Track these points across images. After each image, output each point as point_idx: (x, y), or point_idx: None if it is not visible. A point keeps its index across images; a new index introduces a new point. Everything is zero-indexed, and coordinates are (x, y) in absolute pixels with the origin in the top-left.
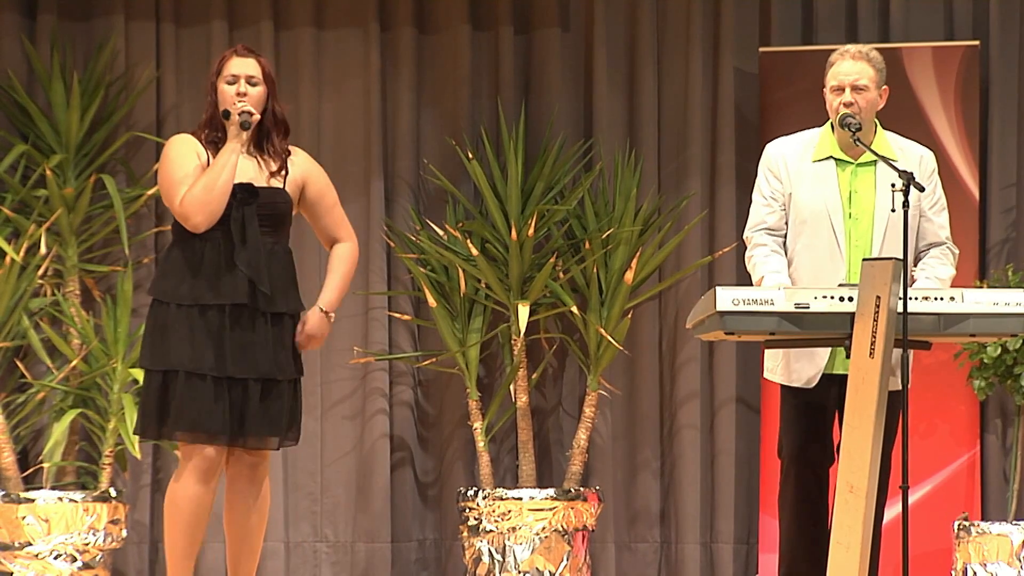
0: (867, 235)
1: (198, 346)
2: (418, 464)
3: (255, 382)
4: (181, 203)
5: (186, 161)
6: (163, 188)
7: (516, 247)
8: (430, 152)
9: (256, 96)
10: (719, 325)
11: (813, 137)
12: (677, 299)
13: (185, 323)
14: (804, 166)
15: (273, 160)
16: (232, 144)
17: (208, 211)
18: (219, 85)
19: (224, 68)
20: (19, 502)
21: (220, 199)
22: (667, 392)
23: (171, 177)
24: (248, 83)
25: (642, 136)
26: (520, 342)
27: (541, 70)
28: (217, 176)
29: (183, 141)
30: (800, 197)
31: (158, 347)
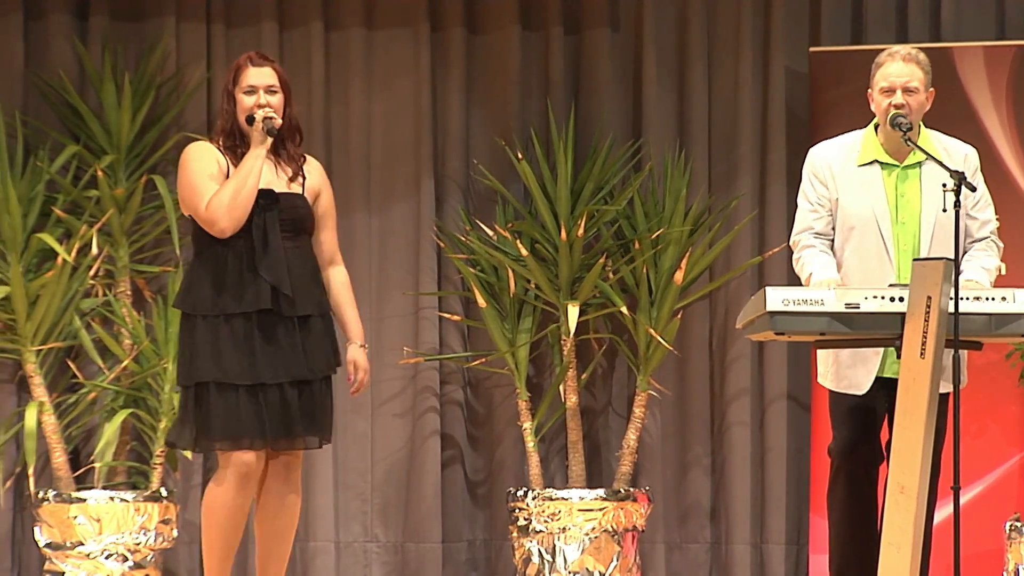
0: (914, 238)
1: (226, 356)
2: (468, 463)
3: (290, 386)
4: (207, 208)
5: (207, 167)
6: (185, 195)
7: (566, 247)
8: (480, 152)
9: (276, 104)
10: (769, 325)
11: (856, 140)
12: (727, 299)
13: (212, 334)
14: (849, 171)
15: (289, 166)
16: (257, 150)
17: (234, 216)
18: (237, 95)
19: (241, 78)
20: (71, 502)
21: (246, 204)
22: (717, 391)
23: (193, 184)
24: (267, 92)
25: (692, 136)
26: (570, 342)
27: (591, 70)
28: (244, 181)
29: (202, 148)
30: (847, 203)
31: (188, 362)
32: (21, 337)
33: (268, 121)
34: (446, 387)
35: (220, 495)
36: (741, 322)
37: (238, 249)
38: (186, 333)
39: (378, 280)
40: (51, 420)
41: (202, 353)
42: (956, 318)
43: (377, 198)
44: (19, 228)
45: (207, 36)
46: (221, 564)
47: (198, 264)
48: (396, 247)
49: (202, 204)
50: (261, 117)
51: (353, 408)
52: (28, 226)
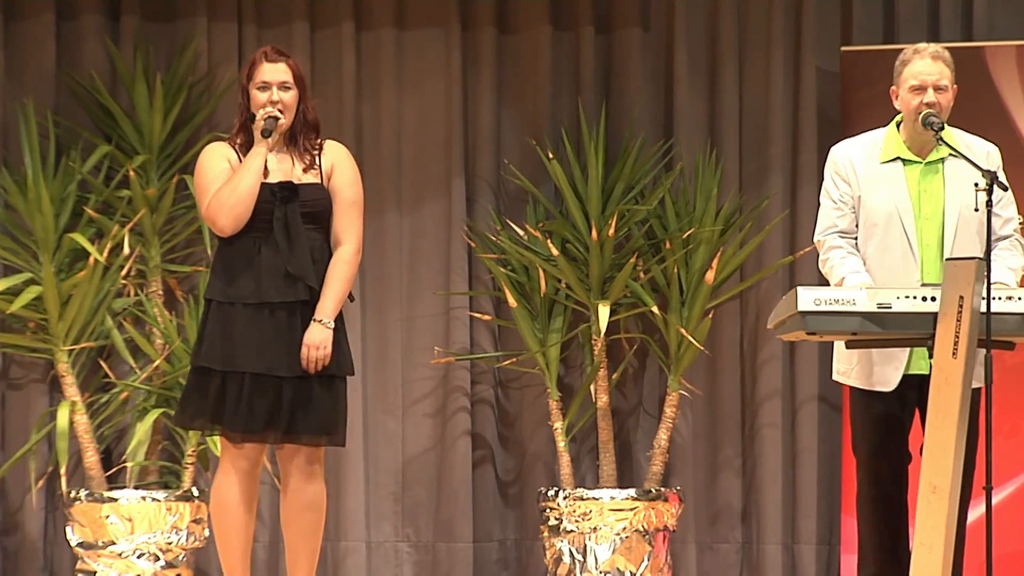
0: (938, 235)
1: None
2: (499, 463)
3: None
4: (207, 207)
5: (214, 166)
6: (196, 195)
7: (596, 247)
8: (510, 152)
9: (289, 101)
10: (801, 325)
11: (877, 138)
12: (758, 299)
13: (230, 321)
14: (872, 168)
15: (305, 156)
16: (258, 148)
17: (233, 214)
18: (251, 91)
19: (256, 74)
20: (103, 501)
21: (245, 201)
22: (748, 391)
23: (200, 182)
24: (280, 89)
25: (723, 136)
26: (600, 342)
27: (622, 70)
28: (240, 179)
29: (213, 149)
30: (870, 200)
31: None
32: (53, 337)
33: (269, 122)
34: (477, 387)
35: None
36: (772, 322)
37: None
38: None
39: (409, 280)
40: (83, 420)
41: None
42: (988, 318)
43: (408, 198)
44: (51, 228)
45: (239, 36)
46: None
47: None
48: (427, 247)
49: (204, 202)
50: (261, 116)
51: (384, 408)
52: (60, 226)
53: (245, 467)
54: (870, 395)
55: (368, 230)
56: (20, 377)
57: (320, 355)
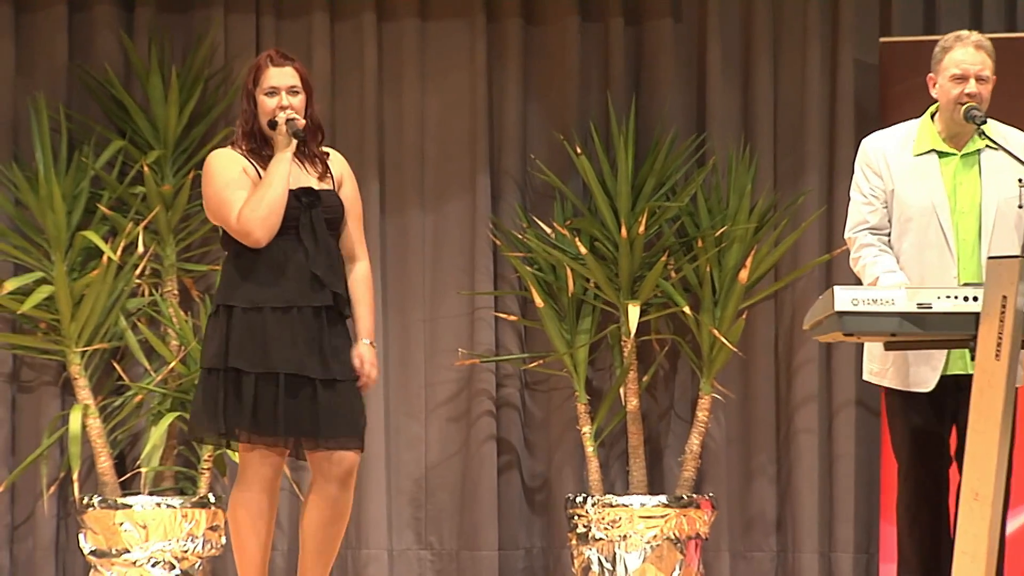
0: (974, 229)
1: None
2: (525, 469)
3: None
4: (239, 220)
5: (233, 176)
6: (212, 206)
7: (626, 245)
8: (537, 147)
9: (298, 105)
10: (837, 326)
11: (911, 130)
12: (793, 299)
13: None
14: (905, 161)
15: (316, 164)
16: (283, 154)
17: (268, 225)
18: (258, 97)
19: (262, 79)
20: (116, 508)
21: (279, 212)
22: (783, 395)
23: (220, 195)
24: (289, 93)
25: (757, 130)
26: (630, 343)
27: (652, 62)
28: (273, 189)
29: (224, 156)
30: (904, 194)
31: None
32: (65, 338)
33: (292, 124)
34: (502, 390)
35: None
36: (808, 323)
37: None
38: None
39: (432, 279)
40: (96, 424)
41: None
42: None
43: (431, 195)
44: (63, 226)
45: (256, 28)
46: (252, 569)
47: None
48: (451, 245)
49: (232, 215)
50: (283, 120)
51: (407, 412)
52: (72, 224)
53: (268, 474)
54: (907, 397)
55: (390, 228)
56: (31, 379)
57: (375, 373)
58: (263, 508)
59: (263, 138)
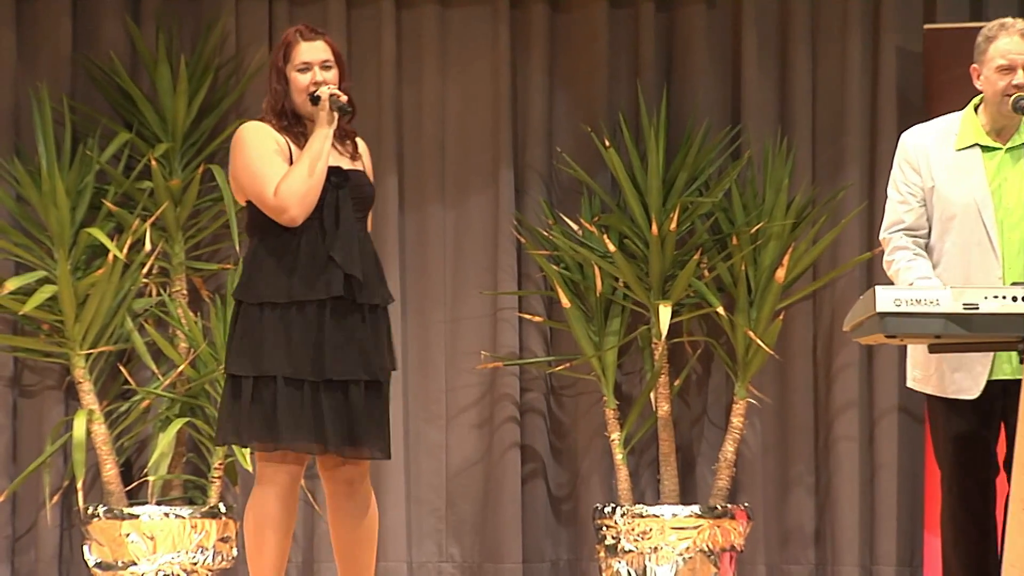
0: (1020, 227)
1: (295, 349)
2: (551, 477)
3: (355, 385)
4: (276, 195)
5: (268, 149)
6: (244, 181)
7: (657, 243)
8: (564, 140)
9: (332, 80)
10: (879, 327)
11: (953, 123)
12: (833, 299)
13: (279, 325)
14: (946, 156)
15: (347, 142)
16: (325, 130)
17: (306, 203)
18: (289, 74)
19: (293, 54)
20: (122, 518)
21: (317, 189)
22: (822, 400)
23: (255, 169)
24: (322, 68)
25: (795, 122)
26: (661, 346)
27: (685, 50)
28: (313, 165)
29: (259, 128)
30: (944, 191)
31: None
32: (69, 340)
33: (335, 99)
34: (527, 395)
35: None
36: (849, 324)
37: (308, 231)
38: (247, 323)
39: (453, 279)
40: (101, 430)
41: (269, 344)
42: None
43: (452, 189)
44: (67, 222)
45: (269, 15)
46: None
47: (263, 250)
48: (472, 243)
49: (268, 190)
50: (327, 94)
51: (426, 417)
52: (76, 220)
53: (287, 482)
54: (951, 404)
55: (409, 225)
56: (33, 384)
57: None
58: (278, 516)
59: (295, 117)
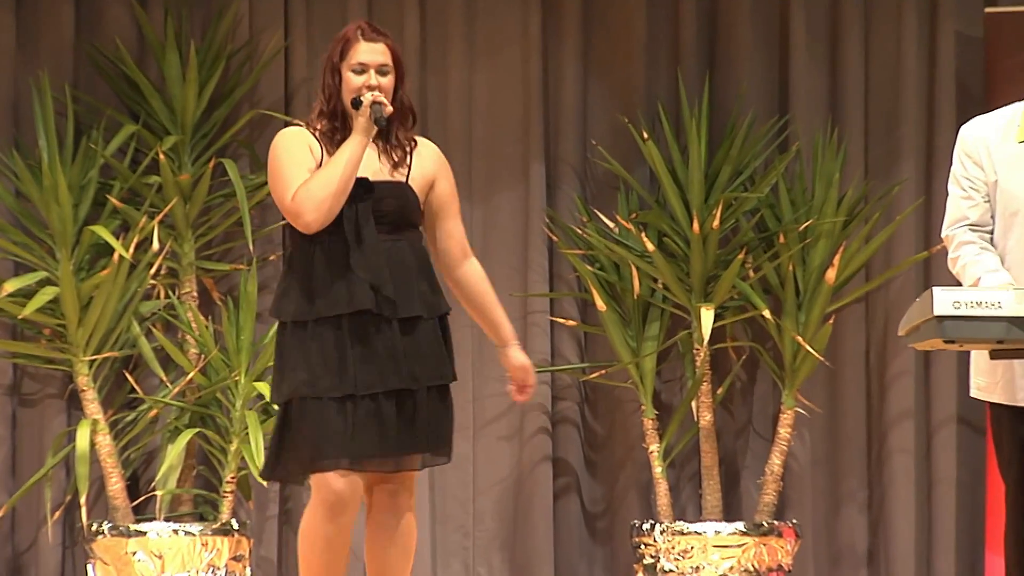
0: None
1: (316, 367)
2: (585, 492)
3: (385, 397)
4: (293, 199)
5: (298, 154)
6: (273, 185)
7: (699, 241)
8: (599, 132)
9: (387, 86)
10: (937, 332)
11: (1015, 113)
12: (887, 302)
13: (302, 342)
14: (1008, 148)
15: (395, 151)
16: (359, 137)
17: (323, 209)
18: (344, 72)
19: (351, 53)
20: (129, 535)
21: (338, 196)
22: (875, 410)
23: (279, 173)
24: (379, 73)
25: (846, 112)
26: (703, 351)
27: (728, 35)
28: (337, 170)
29: (294, 134)
30: (1008, 185)
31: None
32: (72, 346)
33: (377, 108)
34: (559, 404)
35: (307, 523)
36: (904, 328)
37: (329, 246)
38: (278, 344)
39: None
40: (106, 441)
41: (290, 365)
42: None
43: (479, 185)
44: (69, 220)
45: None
46: None
47: (289, 267)
48: (501, 241)
49: (288, 194)
50: (369, 102)
51: None
52: (80, 218)
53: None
54: (1019, 413)
55: None
56: (34, 392)
57: (535, 382)
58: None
59: (344, 118)
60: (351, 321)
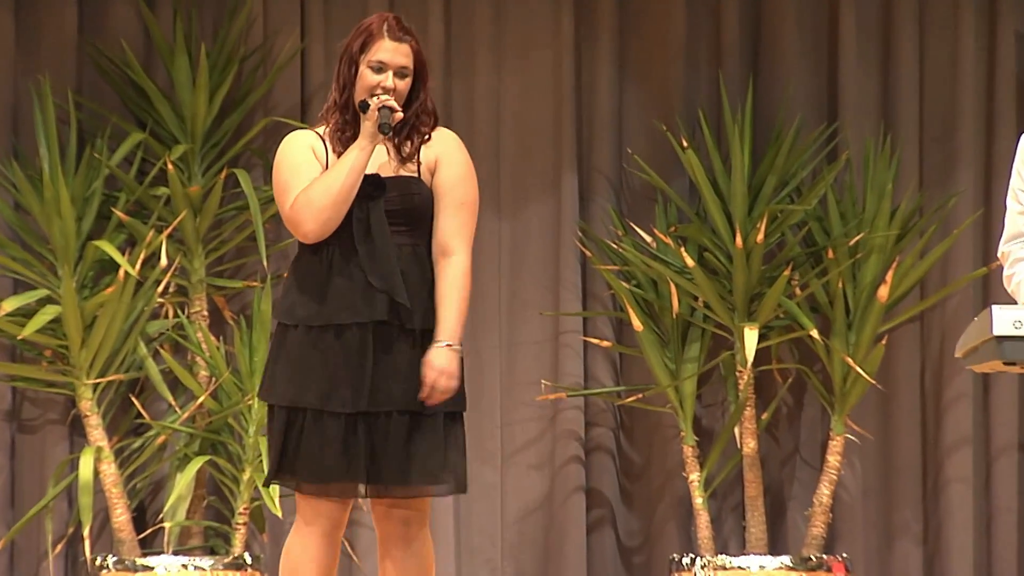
0: None
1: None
2: (620, 524)
3: (399, 415)
4: (292, 207)
5: (302, 160)
6: (275, 191)
7: (742, 256)
8: (635, 139)
9: (403, 90)
10: (996, 353)
11: None
12: (943, 321)
13: (308, 349)
14: None
15: (404, 146)
16: (364, 143)
17: (323, 219)
18: (361, 67)
19: (373, 49)
20: (135, 570)
21: (339, 206)
22: (931, 437)
23: (282, 178)
24: (397, 75)
25: (899, 118)
26: (747, 374)
27: (773, 35)
28: (339, 179)
29: (296, 138)
30: None
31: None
32: (74, 368)
33: (385, 112)
34: (593, 430)
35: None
36: (961, 349)
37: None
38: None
39: (509, 298)
40: (111, 470)
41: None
42: None
43: (508, 197)
44: (72, 234)
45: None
46: None
47: (297, 268)
48: (531, 257)
49: (288, 201)
50: (376, 106)
51: (480, 456)
52: (83, 232)
53: (326, 527)
54: None
55: None
56: (34, 418)
57: (450, 385)
58: (316, 565)
59: (355, 112)
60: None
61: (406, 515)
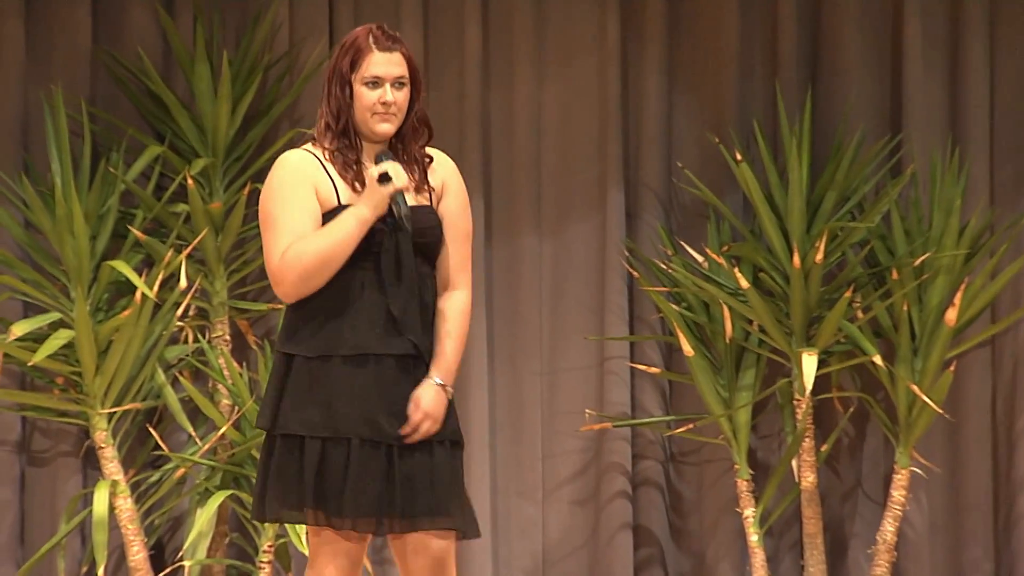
0: None
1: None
2: (670, 564)
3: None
4: (281, 259)
5: (299, 193)
6: (261, 218)
7: (799, 277)
8: (685, 153)
9: (402, 101)
10: None
11: None
12: (1016, 346)
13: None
14: None
15: (413, 170)
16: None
17: (307, 287)
18: (356, 86)
19: (364, 65)
20: None
21: (325, 274)
22: (1002, 470)
23: (271, 209)
24: (395, 87)
25: (968, 130)
26: (805, 403)
27: (834, 43)
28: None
29: (295, 161)
30: None
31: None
32: (88, 396)
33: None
34: (641, 463)
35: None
36: None
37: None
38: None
39: (551, 322)
40: (127, 505)
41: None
42: None
43: (550, 214)
44: (86, 254)
45: (329, 4)
46: None
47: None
48: (574, 278)
49: (276, 250)
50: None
51: (519, 490)
52: (98, 251)
53: (345, 566)
54: None
55: (498, 257)
56: (46, 449)
57: (433, 430)
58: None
59: (355, 134)
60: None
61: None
